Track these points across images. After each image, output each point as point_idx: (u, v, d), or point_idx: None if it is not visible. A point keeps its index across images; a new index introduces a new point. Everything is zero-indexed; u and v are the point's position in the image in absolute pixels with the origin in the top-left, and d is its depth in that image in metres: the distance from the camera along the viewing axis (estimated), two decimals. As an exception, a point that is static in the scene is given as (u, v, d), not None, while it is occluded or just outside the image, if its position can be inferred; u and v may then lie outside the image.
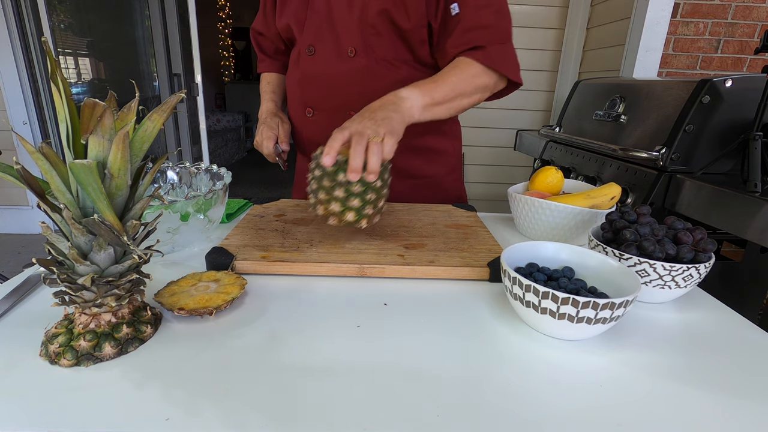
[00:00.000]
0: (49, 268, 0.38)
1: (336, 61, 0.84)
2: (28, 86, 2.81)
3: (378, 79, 0.85)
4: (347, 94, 0.86)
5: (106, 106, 0.35)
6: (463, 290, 0.57)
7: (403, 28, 0.81)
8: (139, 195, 0.41)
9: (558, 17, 2.43)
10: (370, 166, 0.57)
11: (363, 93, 0.85)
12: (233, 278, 0.53)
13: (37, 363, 0.39)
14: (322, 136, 0.82)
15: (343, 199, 0.59)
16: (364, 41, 0.83)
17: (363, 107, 0.81)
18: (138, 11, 3.63)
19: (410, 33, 0.82)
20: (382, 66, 0.84)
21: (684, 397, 0.39)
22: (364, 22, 0.81)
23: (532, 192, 0.78)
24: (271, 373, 0.39)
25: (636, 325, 0.50)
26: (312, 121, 0.91)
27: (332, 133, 0.61)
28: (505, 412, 0.36)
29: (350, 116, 0.85)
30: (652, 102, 1.28)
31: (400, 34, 0.82)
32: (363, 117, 0.66)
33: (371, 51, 0.83)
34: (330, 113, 0.88)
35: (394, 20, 0.80)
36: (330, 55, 0.84)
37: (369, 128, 0.61)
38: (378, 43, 0.83)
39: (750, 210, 0.94)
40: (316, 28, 0.84)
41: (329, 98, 0.88)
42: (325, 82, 0.87)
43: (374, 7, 0.79)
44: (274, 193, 4.52)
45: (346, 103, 0.87)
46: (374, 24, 0.81)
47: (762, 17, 1.95)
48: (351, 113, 0.86)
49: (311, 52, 0.86)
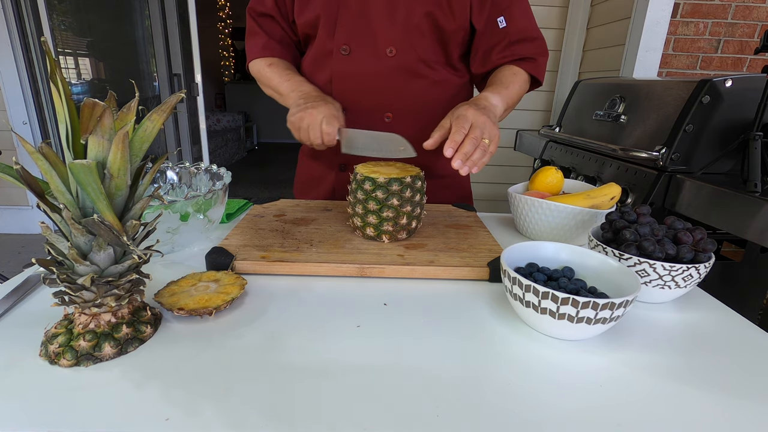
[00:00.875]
0: (49, 268, 0.38)
1: (373, 60, 0.84)
2: (28, 86, 2.81)
3: (416, 80, 0.86)
4: (384, 95, 0.87)
5: (105, 106, 0.35)
6: (462, 290, 0.57)
7: (445, 30, 0.83)
8: (138, 195, 0.41)
9: (558, 17, 2.43)
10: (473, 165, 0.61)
11: (400, 93, 0.86)
12: (233, 278, 0.53)
13: (37, 363, 0.39)
14: None
15: (363, 215, 0.65)
16: (406, 41, 0.83)
17: (399, 107, 0.86)
18: (138, 11, 3.63)
19: (451, 35, 0.84)
20: (421, 66, 0.85)
21: (684, 397, 0.39)
22: (408, 23, 0.82)
23: (532, 192, 0.78)
24: (270, 373, 0.39)
25: (636, 325, 0.50)
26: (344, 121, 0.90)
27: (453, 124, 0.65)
28: (505, 412, 0.36)
29: (387, 117, 0.87)
30: (652, 102, 1.28)
31: (441, 36, 0.84)
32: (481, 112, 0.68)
33: (412, 51, 0.84)
34: (365, 113, 0.88)
35: (438, 22, 0.82)
36: (367, 54, 0.84)
37: (487, 127, 0.65)
38: (419, 43, 0.84)
39: (750, 210, 0.94)
40: (351, 26, 0.83)
41: (365, 98, 0.87)
42: (362, 81, 0.86)
43: (420, 9, 0.80)
44: (274, 193, 4.52)
45: (382, 104, 0.87)
46: (418, 25, 0.82)
47: (762, 17, 1.95)
48: (388, 115, 0.87)
49: (346, 52, 0.84)
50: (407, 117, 0.88)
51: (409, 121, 0.88)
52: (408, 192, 0.64)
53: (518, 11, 0.84)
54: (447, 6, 0.81)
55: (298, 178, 1.07)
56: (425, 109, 0.88)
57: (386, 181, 0.63)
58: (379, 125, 0.89)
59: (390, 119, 0.89)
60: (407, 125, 0.87)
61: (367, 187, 0.64)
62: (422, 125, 0.90)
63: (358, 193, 0.65)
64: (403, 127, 0.85)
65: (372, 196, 0.64)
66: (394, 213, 0.64)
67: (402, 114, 0.88)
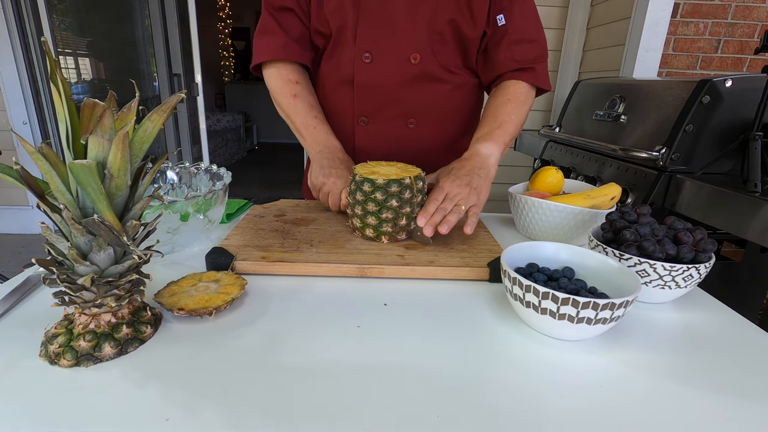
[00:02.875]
0: (49, 269, 0.38)
1: (398, 68, 0.83)
2: (28, 86, 2.81)
3: (438, 85, 0.86)
4: (408, 102, 0.86)
5: (105, 106, 0.35)
6: (462, 290, 0.57)
7: (467, 37, 0.83)
8: (138, 195, 0.41)
9: (558, 17, 2.43)
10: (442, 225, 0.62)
11: (424, 100, 0.87)
12: (233, 278, 0.53)
13: (37, 363, 0.39)
14: (378, 143, 0.87)
15: (362, 216, 0.65)
16: (430, 48, 0.83)
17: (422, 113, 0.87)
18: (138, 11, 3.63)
19: (472, 41, 0.84)
20: (444, 72, 0.85)
21: (684, 397, 0.38)
22: (432, 30, 0.81)
23: (532, 192, 0.78)
24: (270, 373, 0.39)
25: (636, 325, 0.50)
26: (366, 129, 0.89)
27: (430, 195, 0.66)
28: (505, 412, 0.36)
29: (411, 123, 0.88)
30: (652, 102, 1.28)
31: (462, 42, 0.84)
32: (461, 181, 0.69)
33: (433, 58, 0.84)
34: (388, 121, 0.88)
35: (461, 29, 0.82)
36: (390, 62, 0.83)
37: (463, 196, 0.67)
38: (442, 49, 0.83)
39: (750, 210, 0.94)
40: (373, 33, 0.81)
41: (388, 106, 0.87)
42: (386, 90, 0.85)
43: (444, 16, 0.80)
44: (274, 193, 4.52)
45: (406, 111, 0.87)
46: (442, 31, 0.82)
47: (762, 17, 1.95)
48: (411, 120, 0.88)
49: (368, 60, 0.83)
50: (430, 121, 0.89)
51: (432, 125, 0.89)
52: (407, 193, 0.64)
53: (518, 10, 0.83)
54: (468, 12, 0.80)
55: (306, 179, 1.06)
56: (447, 112, 0.88)
57: (385, 183, 0.63)
58: (403, 131, 0.89)
59: (414, 124, 0.89)
60: (430, 129, 0.88)
61: (366, 189, 0.64)
62: (445, 128, 0.91)
63: (357, 195, 0.65)
64: (426, 131, 0.86)
65: (371, 197, 0.64)
66: (393, 214, 0.64)
67: (425, 119, 0.88)
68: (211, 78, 6.80)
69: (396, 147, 0.88)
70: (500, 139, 0.80)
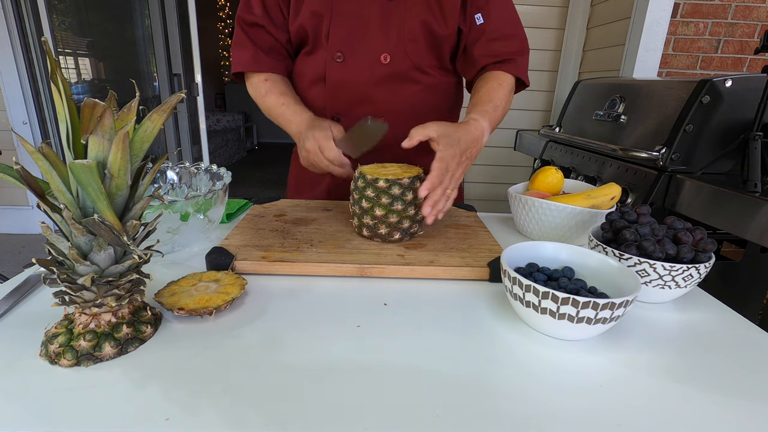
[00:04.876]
0: (49, 268, 0.38)
1: (368, 67, 0.85)
2: (28, 86, 2.81)
3: (410, 85, 0.87)
4: (378, 101, 0.87)
5: (106, 106, 0.35)
6: (462, 290, 0.57)
7: (439, 36, 0.83)
8: (139, 195, 0.41)
9: (558, 17, 2.43)
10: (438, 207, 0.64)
11: (395, 99, 0.87)
12: (233, 278, 0.53)
13: (37, 363, 0.39)
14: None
15: (360, 214, 0.66)
16: (400, 49, 0.83)
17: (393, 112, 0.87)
18: (138, 11, 3.63)
19: (444, 40, 0.84)
20: (415, 72, 0.86)
21: (684, 397, 0.39)
22: (402, 31, 0.82)
23: (532, 192, 0.78)
24: (270, 373, 0.39)
25: (636, 325, 0.50)
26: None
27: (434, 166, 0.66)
28: (504, 411, 0.36)
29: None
30: (652, 102, 1.28)
31: (434, 42, 0.85)
32: (458, 152, 0.69)
33: (406, 58, 0.84)
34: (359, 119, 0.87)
35: (432, 29, 0.82)
36: (361, 61, 0.84)
37: (459, 169, 0.68)
38: (414, 50, 0.84)
39: (750, 210, 0.94)
40: (345, 34, 0.83)
41: (360, 105, 0.88)
42: (357, 89, 0.86)
43: (415, 18, 0.81)
44: (274, 193, 4.51)
45: (377, 109, 0.87)
46: (413, 32, 0.82)
47: (762, 17, 1.95)
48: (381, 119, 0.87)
49: (340, 59, 0.85)
50: (402, 121, 0.88)
51: (404, 125, 0.88)
52: (409, 194, 0.64)
53: (495, 9, 0.84)
54: (439, 12, 0.81)
55: (292, 179, 1.06)
56: (419, 113, 0.88)
57: (387, 186, 0.63)
58: None
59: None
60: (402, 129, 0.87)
61: (369, 194, 0.64)
62: None
63: (363, 202, 0.65)
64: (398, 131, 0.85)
65: (376, 201, 0.64)
66: (397, 217, 0.64)
67: (397, 119, 0.88)
68: (211, 78, 6.80)
69: None
70: (493, 120, 0.81)
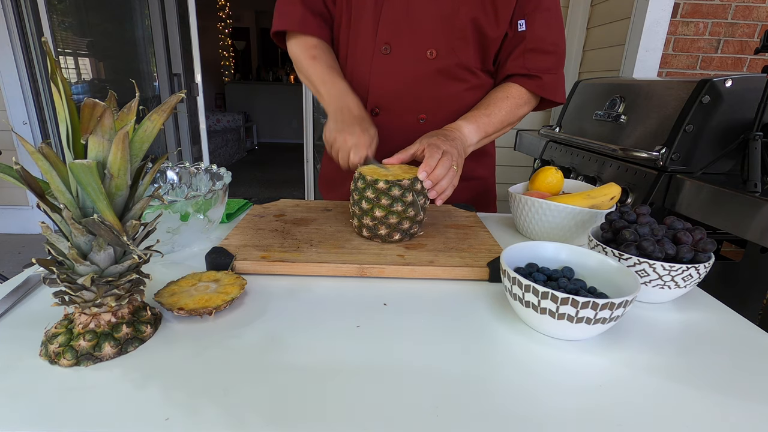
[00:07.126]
0: (49, 268, 0.38)
1: (413, 61, 0.84)
2: (28, 86, 2.81)
3: (454, 83, 0.86)
4: (421, 96, 0.87)
5: (106, 106, 0.35)
6: (462, 290, 0.57)
7: (488, 37, 0.82)
8: (139, 195, 0.41)
9: (558, 17, 2.43)
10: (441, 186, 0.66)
11: (437, 96, 0.87)
12: (233, 278, 0.53)
13: (37, 363, 0.39)
14: (386, 135, 0.86)
15: (360, 215, 0.66)
16: (448, 45, 0.82)
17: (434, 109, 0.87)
18: (138, 11, 3.63)
19: (492, 42, 0.83)
20: (460, 71, 0.85)
21: (684, 397, 0.39)
22: (452, 26, 0.81)
23: (532, 192, 0.78)
24: (270, 373, 0.39)
25: (636, 325, 0.50)
26: (376, 121, 0.88)
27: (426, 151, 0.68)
28: (504, 411, 0.36)
29: (422, 119, 0.89)
30: (652, 102, 1.28)
31: (483, 42, 0.84)
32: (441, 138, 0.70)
33: (453, 55, 0.83)
34: (398, 114, 0.88)
35: (482, 28, 0.81)
36: (407, 55, 0.83)
37: (455, 157, 0.69)
38: (461, 47, 0.83)
39: (750, 210, 0.94)
40: (394, 25, 0.82)
41: (401, 99, 0.87)
42: (400, 82, 0.86)
43: (466, 14, 0.80)
44: (274, 193, 4.52)
45: (418, 105, 0.87)
46: (462, 30, 0.81)
47: (762, 17, 1.95)
48: (422, 116, 0.88)
49: (386, 51, 0.84)
50: (442, 119, 0.88)
51: (443, 123, 0.88)
52: (409, 196, 0.64)
53: (540, 19, 0.82)
54: (492, 12, 0.80)
55: (323, 175, 1.06)
56: (460, 112, 0.88)
57: (387, 187, 0.63)
58: (413, 126, 0.89)
59: (424, 120, 0.88)
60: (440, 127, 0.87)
61: (369, 195, 0.64)
62: None
63: (363, 203, 0.65)
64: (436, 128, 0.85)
65: (376, 202, 0.64)
66: (397, 218, 0.64)
67: (437, 116, 0.88)
68: (211, 78, 6.80)
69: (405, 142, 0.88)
70: (483, 128, 0.81)
